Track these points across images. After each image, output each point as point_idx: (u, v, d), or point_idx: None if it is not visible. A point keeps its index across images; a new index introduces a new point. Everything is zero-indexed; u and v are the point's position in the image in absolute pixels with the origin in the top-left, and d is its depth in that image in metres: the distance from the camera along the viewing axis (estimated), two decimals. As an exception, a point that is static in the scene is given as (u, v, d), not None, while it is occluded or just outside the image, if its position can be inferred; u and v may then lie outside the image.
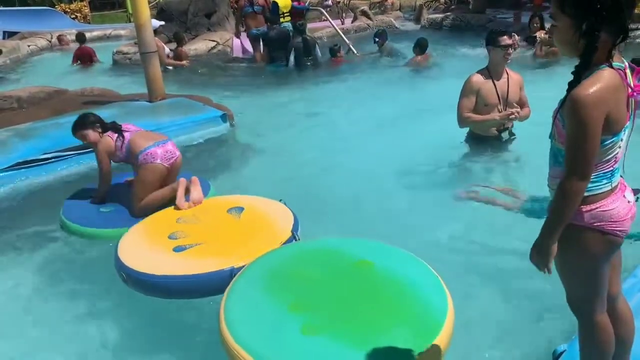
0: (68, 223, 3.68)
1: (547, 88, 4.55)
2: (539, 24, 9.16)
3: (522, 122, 4.59)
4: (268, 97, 7.78)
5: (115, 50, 10.65)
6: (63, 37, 13.43)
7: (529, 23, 9.46)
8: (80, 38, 11.01)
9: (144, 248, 3.07)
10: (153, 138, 3.83)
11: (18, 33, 13.90)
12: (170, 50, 9.91)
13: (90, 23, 18.82)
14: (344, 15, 14.58)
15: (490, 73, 4.41)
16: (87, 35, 11.54)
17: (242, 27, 10.82)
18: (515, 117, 4.44)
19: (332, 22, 11.43)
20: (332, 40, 10.74)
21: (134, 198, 3.70)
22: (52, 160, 4.90)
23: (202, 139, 5.72)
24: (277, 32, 9.40)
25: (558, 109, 1.75)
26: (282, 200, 3.47)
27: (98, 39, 13.83)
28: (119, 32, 14.86)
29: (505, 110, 4.44)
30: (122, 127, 3.88)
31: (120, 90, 7.58)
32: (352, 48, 10.22)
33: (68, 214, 3.76)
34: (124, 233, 3.28)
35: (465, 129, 4.71)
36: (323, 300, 2.35)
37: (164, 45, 9.60)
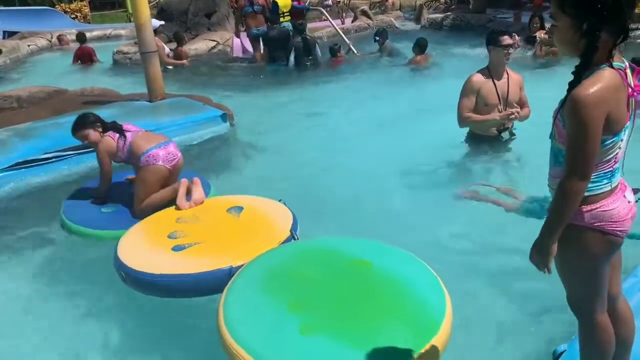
0: (70, 224, 3.66)
1: (547, 88, 4.54)
2: (539, 24, 9.15)
3: (522, 122, 4.59)
4: (268, 96, 7.78)
5: (116, 50, 10.66)
6: (63, 36, 13.43)
7: (529, 23, 9.45)
8: (81, 38, 11.02)
9: (144, 247, 3.07)
10: (155, 139, 3.81)
11: (18, 33, 13.89)
12: (171, 50, 9.92)
13: (90, 23, 18.82)
14: (344, 15, 14.58)
15: (491, 73, 4.41)
16: (87, 35, 11.55)
17: (242, 26, 10.82)
18: (515, 117, 4.45)
19: (332, 21, 11.43)
20: (332, 40, 10.74)
21: (136, 199, 3.69)
22: (52, 160, 4.89)
23: (202, 139, 5.72)
24: (277, 31, 9.40)
25: (558, 109, 1.75)
26: (281, 200, 3.47)
27: (98, 39, 13.83)
28: (119, 31, 14.86)
29: (506, 110, 4.44)
30: (122, 127, 3.85)
31: (121, 90, 7.57)
32: (352, 48, 10.22)
33: (70, 215, 3.73)
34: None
35: (465, 129, 4.71)
36: (322, 300, 2.35)
37: (164, 45, 9.60)
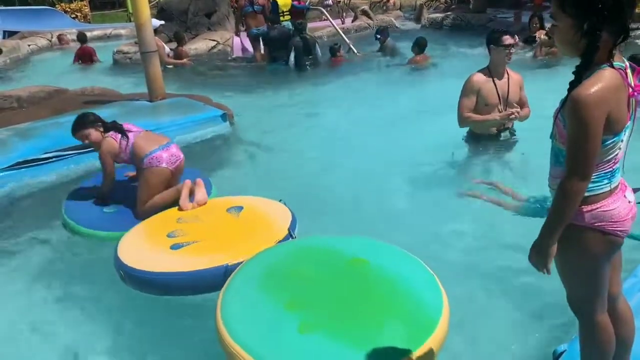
0: (73, 224, 3.65)
1: (547, 88, 4.54)
2: (539, 24, 9.14)
3: (522, 122, 4.59)
4: (268, 96, 7.78)
5: (116, 50, 10.66)
6: (63, 36, 13.44)
7: (529, 23, 9.45)
8: (82, 38, 11.05)
9: (143, 246, 3.09)
10: (157, 141, 3.79)
11: (18, 32, 13.89)
12: (171, 50, 9.92)
13: (91, 22, 18.83)
14: (345, 15, 14.58)
15: (491, 73, 4.40)
16: (87, 35, 11.55)
17: (242, 26, 10.83)
18: (516, 117, 4.44)
19: (332, 21, 11.42)
20: (332, 40, 10.73)
21: (139, 201, 3.68)
22: (52, 160, 4.89)
23: (202, 139, 5.72)
24: (278, 31, 9.40)
25: (559, 109, 1.74)
26: (282, 200, 3.47)
27: (98, 39, 13.84)
28: (119, 31, 14.87)
29: (506, 110, 4.44)
30: (122, 127, 3.83)
31: (121, 90, 7.58)
32: (352, 48, 10.21)
33: (72, 215, 3.71)
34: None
35: (465, 129, 4.71)
36: (319, 299, 2.36)
37: (164, 45, 9.60)
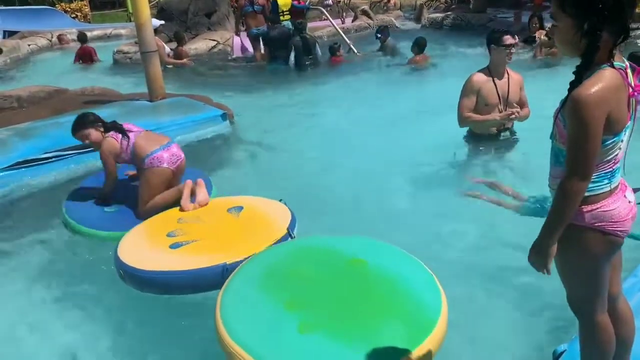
0: (74, 224, 3.64)
1: (547, 88, 4.55)
2: (538, 24, 9.14)
3: (521, 122, 4.59)
4: (268, 96, 7.78)
5: (116, 50, 10.66)
6: (63, 36, 13.44)
7: (529, 23, 9.44)
8: (82, 38, 11.09)
9: (143, 246, 3.10)
10: (158, 141, 3.79)
11: (18, 32, 13.89)
12: (171, 50, 9.92)
13: (91, 22, 18.83)
14: (345, 15, 14.58)
15: (491, 73, 4.40)
16: (87, 35, 11.56)
17: (242, 26, 10.83)
18: (516, 117, 4.44)
19: (332, 21, 11.42)
20: (332, 40, 10.73)
21: (140, 201, 3.68)
22: (52, 160, 4.89)
23: (202, 138, 5.72)
24: (278, 31, 9.40)
25: (559, 109, 1.74)
26: (282, 200, 3.47)
27: (98, 38, 13.84)
28: (120, 31, 14.86)
29: (506, 110, 4.43)
30: (122, 127, 3.82)
31: (121, 90, 7.58)
32: (352, 47, 10.21)
33: (73, 215, 3.71)
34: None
35: (465, 129, 4.70)
36: (318, 299, 2.37)
37: (164, 45, 9.60)
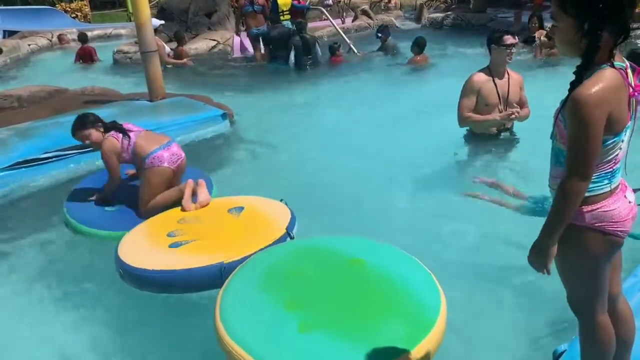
0: (74, 223, 3.64)
1: (547, 88, 4.54)
2: (538, 24, 9.13)
3: (521, 122, 4.59)
4: (268, 96, 7.78)
5: (116, 50, 10.66)
6: (63, 36, 13.44)
7: (528, 23, 9.44)
8: (83, 38, 11.12)
9: (143, 245, 3.10)
10: (158, 141, 3.79)
11: (18, 32, 13.89)
12: (171, 50, 9.92)
13: (91, 22, 18.81)
14: (345, 15, 14.57)
15: (492, 73, 4.40)
16: (87, 35, 11.57)
17: (242, 26, 10.83)
18: (516, 117, 4.44)
19: (332, 21, 11.42)
20: (332, 40, 10.72)
21: (141, 201, 3.69)
22: (52, 160, 4.89)
23: (202, 138, 5.72)
24: (278, 31, 9.40)
25: (559, 109, 1.74)
26: (283, 200, 3.48)
27: (98, 38, 13.83)
28: (120, 31, 14.85)
29: (506, 110, 4.43)
30: (122, 126, 3.82)
31: (121, 90, 7.58)
32: (352, 47, 10.20)
33: (74, 214, 3.70)
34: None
35: (465, 129, 4.70)
36: (317, 299, 2.37)
37: (165, 45, 9.60)
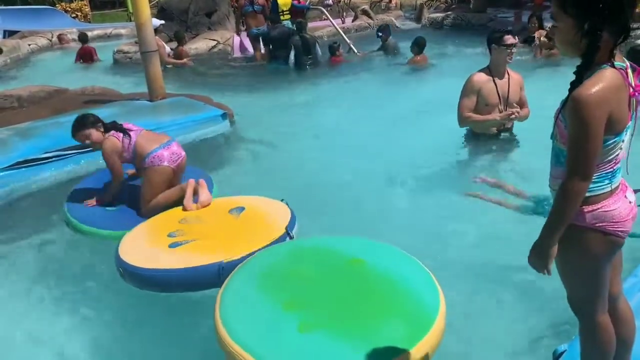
0: (75, 222, 3.63)
1: (547, 88, 4.55)
2: (537, 24, 9.13)
3: (521, 122, 4.59)
4: (268, 96, 7.78)
5: (116, 50, 10.66)
6: (63, 36, 13.44)
7: (528, 23, 9.44)
8: (83, 38, 11.14)
9: (143, 245, 3.11)
10: (158, 140, 3.80)
11: (18, 32, 13.89)
12: (171, 50, 9.92)
13: (91, 22, 18.82)
14: (345, 14, 14.57)
15: (492, 73, 4.40)
16: (87, 34, 11.58)
17: (242, 26, 10.84)
18: (516, 117, 4.45)
19: (332, 21, 11.41)
20: (332, 40, 10.72)
21: (142, 200, 3.69)
22: (52, 160, 4.89)
23: (202, 138, 5.72)
24: (278, 31, 9.40)
25: (560, 109, 1.74)
26: (283, 200, 3.48)
27: (99, 38, 13.83)
28: (120, 31, 14.85)
29: (506, 110, 4.43)
30: (122, 126, 3.81)
31: (121, 90, 7.58)
32: (352, 47, 10.20)
33: (75, 214, 3.69)
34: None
35: (465, 129, 4.70)
36: (317, 298, 2.37)
37: (165, 45, 9.60)
